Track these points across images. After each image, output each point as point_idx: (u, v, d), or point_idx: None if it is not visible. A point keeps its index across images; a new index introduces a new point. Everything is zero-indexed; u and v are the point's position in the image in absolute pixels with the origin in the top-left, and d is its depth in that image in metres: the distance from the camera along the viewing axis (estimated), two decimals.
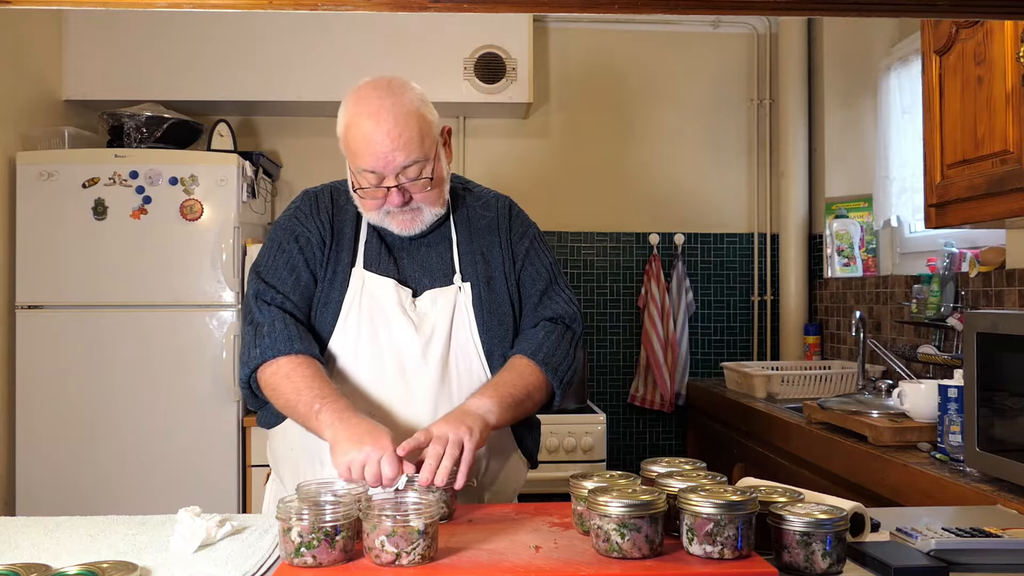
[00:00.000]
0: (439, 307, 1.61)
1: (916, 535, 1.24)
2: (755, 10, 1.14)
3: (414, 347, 1.57)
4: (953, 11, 1.22)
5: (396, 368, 1.57)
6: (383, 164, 1.52)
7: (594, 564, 1.14)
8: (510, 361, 1.61)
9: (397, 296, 1.60)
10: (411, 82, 1.61)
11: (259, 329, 1.56)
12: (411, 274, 1.64)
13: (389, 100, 1.53)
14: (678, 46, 3.89)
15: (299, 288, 1.61)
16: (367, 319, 1.58)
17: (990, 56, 2.01)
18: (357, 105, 1.55)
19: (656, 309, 3.75)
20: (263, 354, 1.53)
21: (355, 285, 1.61)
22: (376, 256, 1.63)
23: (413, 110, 1.54)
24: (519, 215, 1.78)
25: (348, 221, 1.66)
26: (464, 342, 1.61)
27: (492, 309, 1.64)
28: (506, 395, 1.52)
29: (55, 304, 3.00)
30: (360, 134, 1.52)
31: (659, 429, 3.89)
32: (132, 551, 1.24)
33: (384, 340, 1.58)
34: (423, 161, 1.54)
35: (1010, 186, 1.94)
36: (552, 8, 1.12)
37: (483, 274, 1.66)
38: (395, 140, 1.51)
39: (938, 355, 2.66)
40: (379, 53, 3.41)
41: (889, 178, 3.33)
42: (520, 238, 1.73)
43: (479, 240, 1.69)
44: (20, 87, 3.16)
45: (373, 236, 1.65)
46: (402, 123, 1.51)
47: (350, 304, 1.59)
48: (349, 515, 1.16)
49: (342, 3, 1.06)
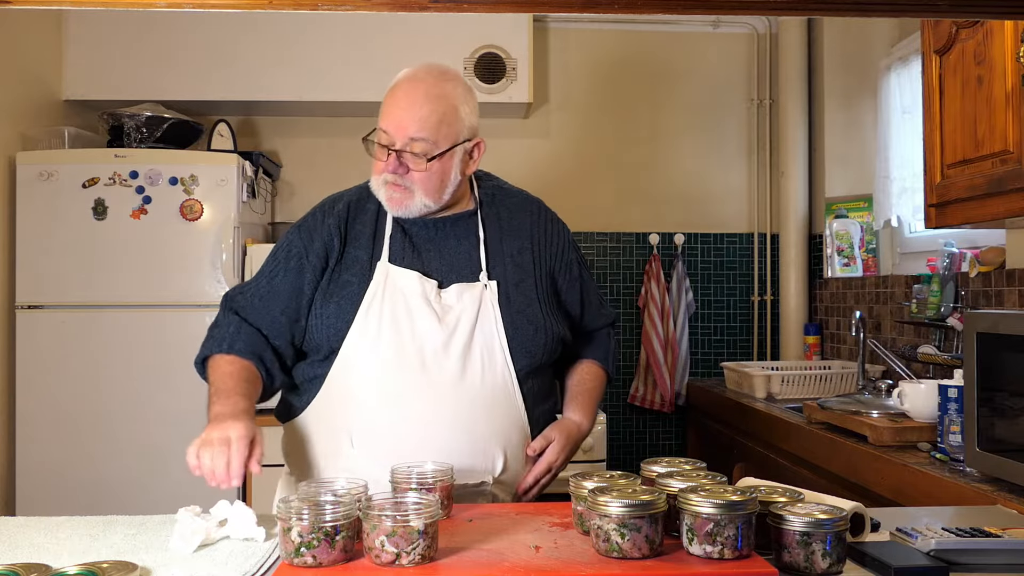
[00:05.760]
0: (465, 301, 1.61)
1: (916, 535, 1.24)
2: (755, 10, 1.14)
3: (436, 338, 1.58)
4: (953, 11, 1.22)
5: (417, 358, 1.57)
6: (396, 127, 1.56)
7: (594, 564, 1.14)
8: (589, 368, 1.83)
9: (421, 287, 1.60)
10: (468, 84, 1.67)
11: (211, 330, 1.66)
12: (436, 268, 1.65)
13: (431, 79, 1.59)
14: (678, 46, 3.89)
15: (272, 297, 1.64)
16: (389, 310, 1.59)
17: (990, 56, 2.01)
18: (407, 73, 1.62)
19: (656, 309, 3.75)
20: (206, 349, 1.64)
21: (379, 278, 1.61)
22: (400, 250, 1.64)
23: (446, 96, 1.59)
24: (555, 220, 1.82)
25: (368, 220, 1.67)
26: (489, 337, 1.61)
27: (520, 309, 1.65)
28: (596, 408, 1.81)
29: (55, 304, 3.00)
30: (393, 94, 1.60)
31: (659, 429, 3.89)
32: (132, 551, 1.24)
33: (406, 330, 1.58)
34: (430, 143, 1.56)
35: (1010, 186, 1.94)
36: (552, 8, 1.12)
37: (513, 276, 1.67)
38: (414, 111, 1.56)
39: (938, 355, 2.66)
40: (379, 53, 3.40)
41: (889, 178, 3.33)
42: (561, 249, 1.78)
43: (511, 242, 1.71)
44: (20, 87, 3.16)
45: (398, 232, 1.66)
46: (430, 100, 1.56)
47: (372, 296, 1.60)
48: (349, 515, 1.16)
49: (342, 3, 1.06)
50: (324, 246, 1.65)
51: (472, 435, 1.57)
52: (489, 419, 1.59)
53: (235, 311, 1.66)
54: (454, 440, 1.55)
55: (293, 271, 1.65)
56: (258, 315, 1.64)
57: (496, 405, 1.60)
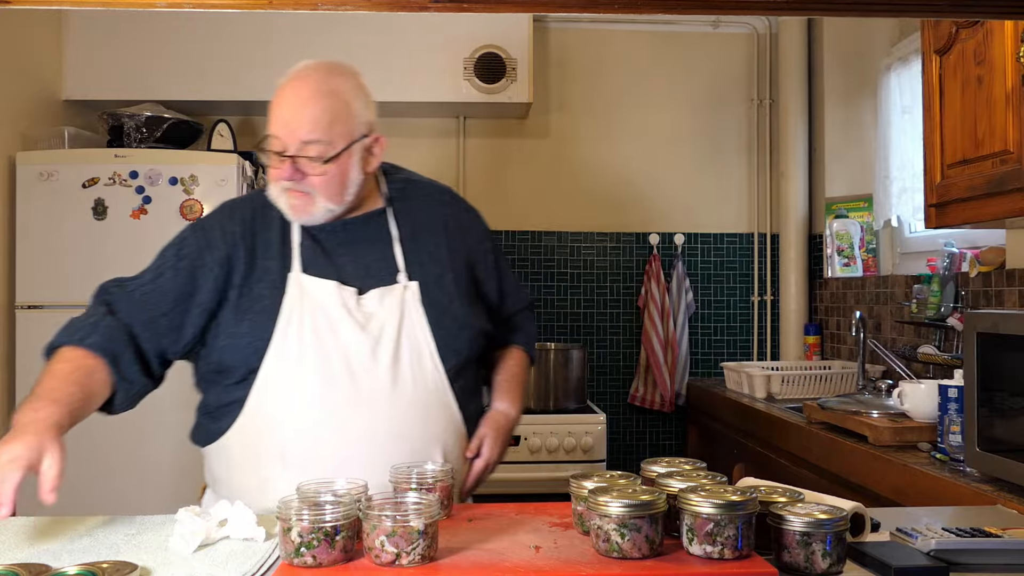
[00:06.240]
0: (387, 306, 1.55)
1: (916, 535, 1.24)
2: (755, 10, 1.15)
3: (362, 348, 1.51)
4: (953, 11, 1.22)
5: (345, 371, 1.50)
6: (286, 132, 1.49)
7: (594, 564, 1.14)
8: (512, 354, 1.81)
9: (340, 296, 1.53)
10: (360, 77, 1.58)
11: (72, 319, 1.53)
12: (352, 273, 1.57)
13: (317, 76, 1.52)
14: (678, 46, 3.89)
15: (156, 296, 1.52)
16: (309, 324, 1.51)
17: (990, 56, 2.01)
18: (293, 72, 1.54)
19: (656, 309, 3.75)
20: (57, 338, 1.50)
21: (293, 291, 1.53)
22: (312, 259, 1.56)
23: (336, 92, 1.51)
24: (468, 210, 1.76)
25: (275, 228, 1.58)
26: (415, 340, 1.55)
27: (443, 308, 1.59)
28: (523, 394, 1.79)
29: (55, 304, 3.00)
30: (279, 97, 1.52)
31: (659, 429, 3.89)
32: (132, 551, 1.24)
33: (330, 343, 1.51)
34: (325, 144, 1.49)
35: (1010, 186, 1.94)
36: (552, 8, 1.12)
37: (432, 273, 1.61)
38: (304, 111, 1.48)
39: (938, 355, 2.66)
40: (379, 53, 3.41)
41: (889, 178, 3.33)
42: (477, 239, 1.73)
43: (425, 237, 1.65)
44: (20, 87, 3.16)
45: (307, 240, 1.57)
46: (319, 99, 1.49)
47: (290, 311, 1.51)
48: (349, 515, 1.16)
49: (342, 3, 1.06)
50: (227, 255, 1.54)
51: (410, 442, 1.52)
52: (425, 424, 1.54)
53: (106, 303, 1.53)
54: (392, 449, 1.49)
55: (184, 272, 1.54)
56: (132, 312, 1.51)
57: (430, 408, 1.55)
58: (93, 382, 1.44)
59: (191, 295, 1.53)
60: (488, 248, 1.76)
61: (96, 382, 1.44)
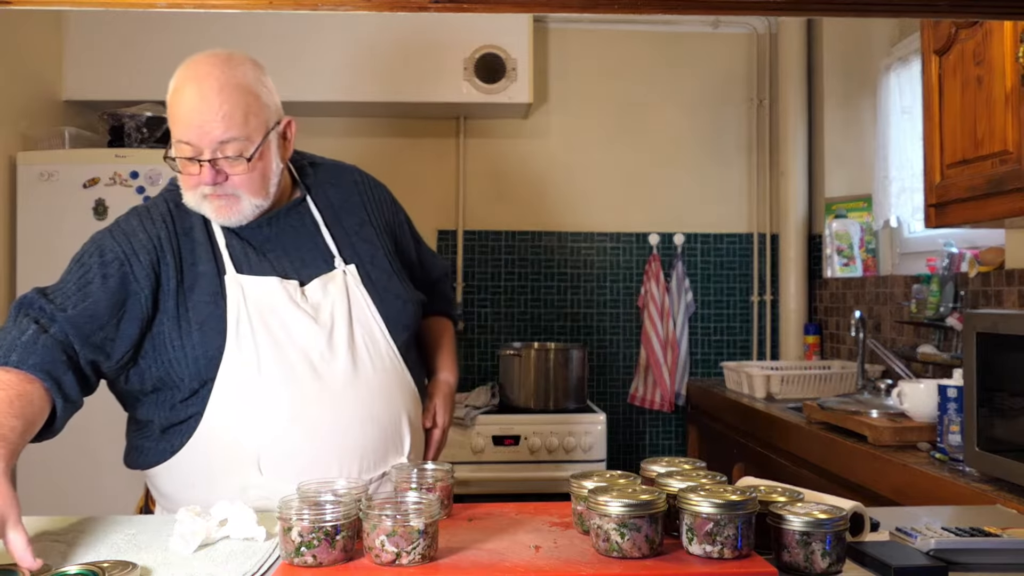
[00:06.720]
0: (331, 294, 1.53)
1: (916, 535, 1.24)
2: (755, 10, 1.14)
3: (319, 339, 1.48)
4: (953, 11, 1.22)
5: (305, 366, 1.47)
6: (198, 135, 1.42)
7: (594, 564, 1.14)
8: (439, 322, 1.86)
9: (285, 292, 1.49)
10: (256, 61, 1.52)
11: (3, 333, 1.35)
12: (287, 267, 1.53)
13: (218, 70, 1.45)
14: (678, 46, 3.89)
15: (92, 307, 1.39)
16: (261, 325, 1.46)
17: (990, 56, 2.01)
18: (186, 70, 1.47)
19: (656, 309, 3.75)
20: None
21: (234, 294, 1.46)
22: (244, 258, 1.50)
23: (242, 84, 1.45)
24: (376, 184, 1.76)
25: (198, 229, 1.51)
26: (366, 323, 1.55)
27: (384, 286, 1.60)
28: (456, 359, 1.85)
29: None
30: (181, 100, 1.44)
31: (659, 429, 3.89)
32: (132, 551, 1.24)
33: (285, 341, 1.47)
34: (243, 141, 1.43)
35: (1010, 186, 1.94)
36: (552, 8, 1.12)
37: (364, 253, 1.61)
38: (215, 111, 1.41)
39: (938, 355, 2.66)
40: (379, 53, 3.41)
41: (889, 178, 3.33)
42: (392, 211, 1.75)
43: (348, 218, 1.64)
44: (20, 87, 3.16)
45: (232, 238, 1.51)
46: (226, 95, 1.42)
47: (237, 315, 1.45)
48: (349, 515, 1.16)
49: (342, 3, 1.06)
50: (155, 260, 1.46)
51: (381, 424, 1.52)
52: (389, 403, 1.54)
53: (34, 319, 1.36)
54: (366, 435, 1.50)
55: (113, 280, 1.42)
56: (66, 326, 1.36)
57: (392, 387, 1.56)
58: (35, 411, 1.29)
59: (122, 305, 1.42)
60: (403, 218, 1.78)
61: (37, 411, 1.30)
